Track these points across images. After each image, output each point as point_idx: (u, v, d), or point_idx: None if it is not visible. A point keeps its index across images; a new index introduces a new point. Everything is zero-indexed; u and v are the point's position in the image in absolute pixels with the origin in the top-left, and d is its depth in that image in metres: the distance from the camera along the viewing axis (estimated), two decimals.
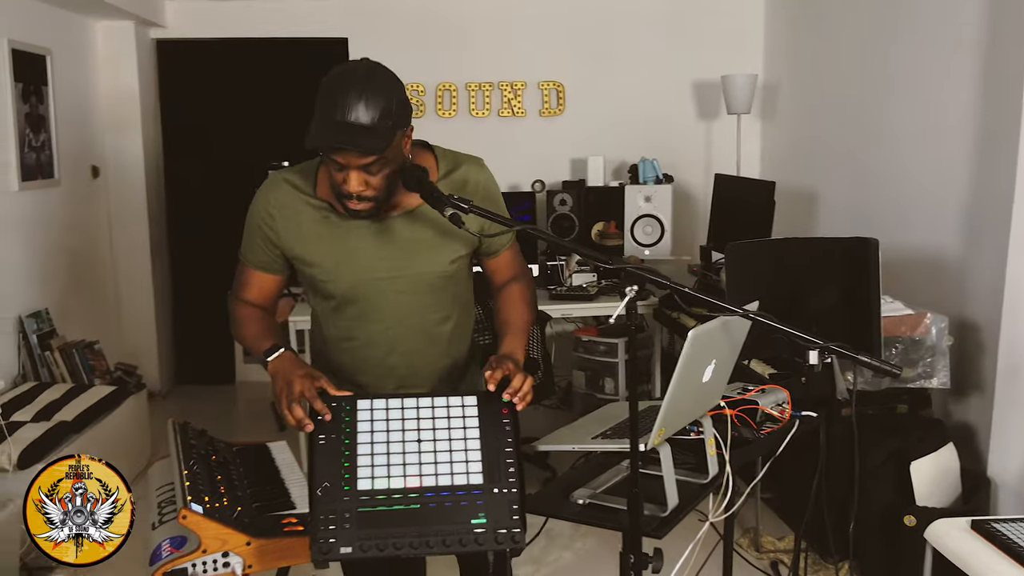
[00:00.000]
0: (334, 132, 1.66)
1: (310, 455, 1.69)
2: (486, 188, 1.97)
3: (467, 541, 1.61)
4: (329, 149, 1.70)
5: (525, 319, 2.02)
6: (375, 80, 1.70)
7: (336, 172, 1.74)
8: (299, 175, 1.91)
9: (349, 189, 1.74)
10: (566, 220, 4.87)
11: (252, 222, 1.93)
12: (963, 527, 2.55)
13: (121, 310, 5.12)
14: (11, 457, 3.06)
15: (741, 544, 3.38)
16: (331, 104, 1.66)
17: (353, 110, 1.66)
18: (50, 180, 4.29)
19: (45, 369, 3.93)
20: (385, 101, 1.69)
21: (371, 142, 1.68)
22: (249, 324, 1.97)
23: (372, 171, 1.73)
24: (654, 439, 1.63)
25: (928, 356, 2.96)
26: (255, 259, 1.96)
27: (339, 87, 1.67)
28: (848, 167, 4.26)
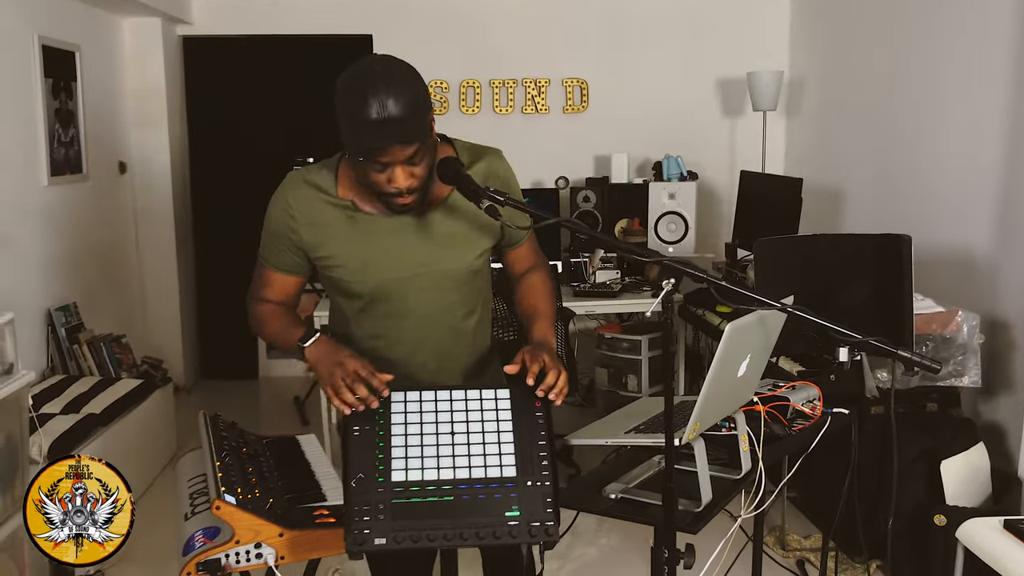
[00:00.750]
0: (374, 132, 1.65)
1: (344, 446, 1.69)
2: (506, 179, 1.98)
3: (501, 533, 1.60)
4: (373, 150, 1.67)
5: (551, 306, 2.03)
6: (396, 72, 1.70)
7: (379, 173, 1.72)
8: (319, 175, 1.88)
9: (398, 185, 1.72)
10: (589, 217, 4.86)
11: (272, 225, 1.89)
12: (995, 527, 2.52)
13: (146, 305, 5.16)
14: (42, 449, 3.09)
15: (768, 543, 3.36)
16: (360, 106, 1.64)
17: (386, 106, 1.64)
18: (78, 175, 4.32)
19: (73, 362, 3.96)
20: (412, 89, 1.69)
21: (413, 132, 1.68)
22: (273, 319, 1.95)
23: (415, 162, 1.73)
24: (689, 434, 1.62)
25: (959, 354, 2.93)
26: (276, 261, 1.92)
27: (364, 87, 1.66)
28: (875, 164, 4.22)
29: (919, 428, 3.02)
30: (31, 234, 3.89)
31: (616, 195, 4.91)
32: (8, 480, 2.70)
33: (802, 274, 2.78)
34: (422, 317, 1.92)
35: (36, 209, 3.93)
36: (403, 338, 1.94)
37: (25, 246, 3.83)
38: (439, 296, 1.92)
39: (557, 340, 3.95)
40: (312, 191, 1.87)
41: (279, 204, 1.88)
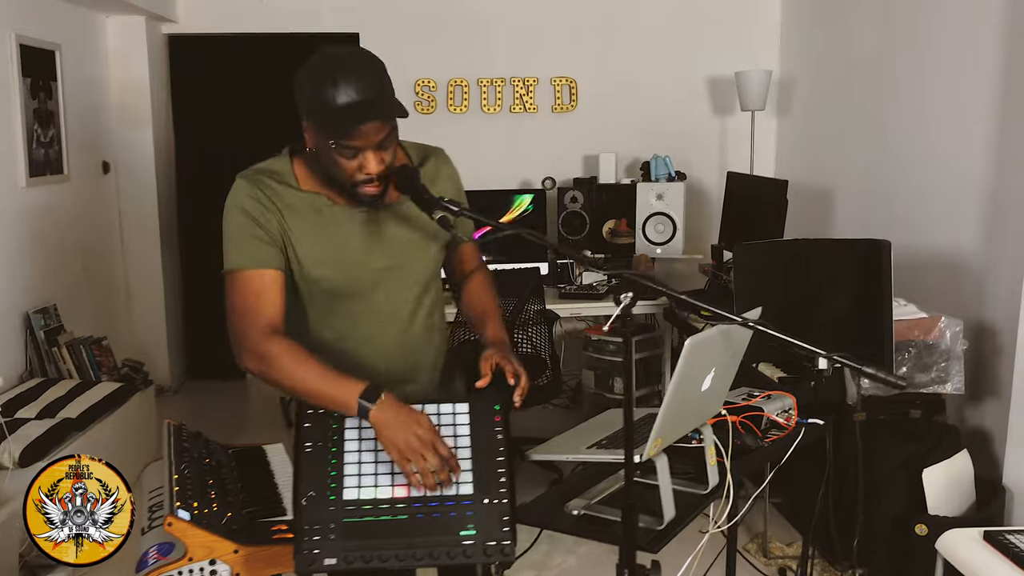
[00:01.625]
0: (353, 112, 1.63)
1: (296, 463, 1.65)
2: (455, 178, 1.97)
3: (455, 554, 1.57)
4: (352, 131, 1.63)
5: (497, 304, 1.99)
6: (361, 56, 1.70)
7: (349, 160, 1.68)
8: (275, 169, 1.81)
9: (369, 171, 1.69)
10: (577, 218, 4.81)
11: (240, 218, 1.76)
12: (975, 538, 2.48)
13: (132, 305, 5.13)
14: (12, 455, 3.05)
15: (749, 550, 3.32)
16: (334, 90, 1.63)
17: (360, 88, 1.63)
18: (59, 175, 4.28)
19: (52, 365, 3.93)
20: (380, 70, 1.70)
21: (390, 109, 1.66)
22: (299, 360, 1.69)
23: (385, 146, 1.70)
24: (650, 450, 1.58)
25: (942, 361, 2.88)
26: (252, 257, 1.75)
27: (334, 72, 1.64)
28: (864, 165, 4.18)
29: (902, 435, 2.98)
30: (8, 236, 3.85)
31: (604, 195, 4.86)
32: None
33: (782, 279, 2.74)
34: (390, 314, 1.87)
35: (13, 211, 3.89)
36: (371, 338, 1.88)
37: (2, 248, 3.79)
38: (406, 291, 1.88)
39: (541, 343, 3.92)
40: (276, 184, 1.79)
41: (243, 195, 1.77)
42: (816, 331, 2.68)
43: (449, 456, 1.60)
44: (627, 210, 4.74)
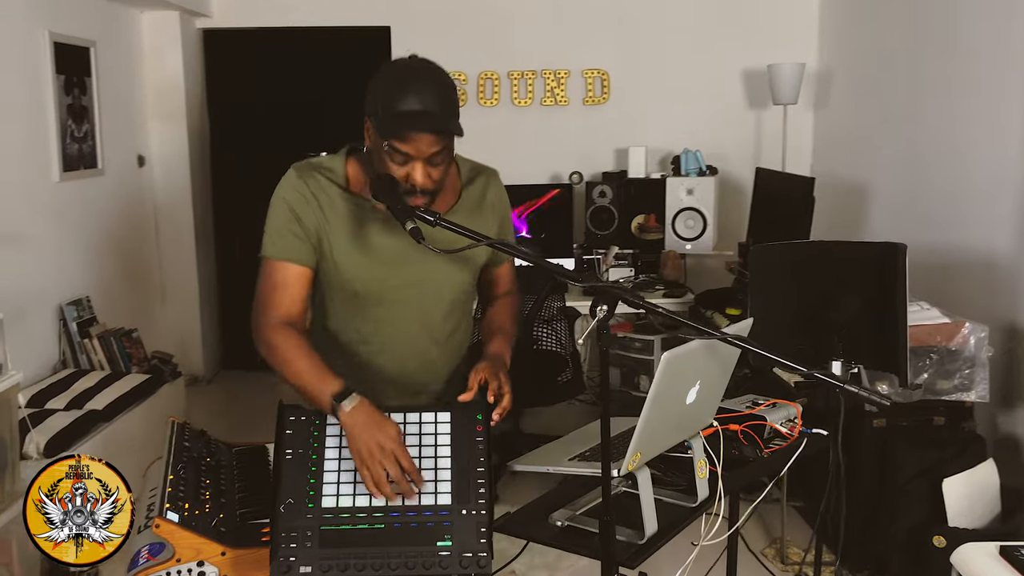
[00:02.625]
0: (412, 119, 1.66)
1: (276, 470, 1.66)
2: (502, 201, 2.00)
3: (431, 564, 1.56)
4: (406, 135, 1.66)
5: (512, 327, 2.01)
6: (437, 72, 1.74)
7: (399, 166, 1.70)
8: (328, 166, 1.85)
9: (415, 181, 1.70)
10: (605, 213, 4.77)
11: (280, 210, 1.81)
12: (991, 552, 2.40)
13: (166, 296, 5.22)
14: (38, 446, 3.13)
15: (767, 555, 3.27)
16: (399, 94, 1.67)
17: (424, 99, 1.67)
18: (94, 170, 4.37)
19: (84, 356, 4.02)
20: (450, 90, 1.73)
21: (447, 125, 1.69)
22: (296, 355, 1.75)
23: (436, 162, 1.72)
24: (627, 465, 1.55)
25: (966, 368, 2.79)
26: (286, 250, 1.80)
27: (407, 78, 1.68)
28: (899, 161, 4.06)
29: (923, 442, 2.90)
30: (43, 230, 3.94)
31: (633, 190, 4.80)
32: None
33: (798, 281, 2.67)
34: (413, 325, 1.89)
35: (48, 205, 3.98)
36: (390, 346, 1.91)
37: (37, 242, 3.89)
38: (433, 306, 1.90)
39: (562, 340, 3.89)
40: (326, 181, 1.83)
41: (289, 187, 1.82)
42: (831, 335, 2.62)
43: (411, 468, 1.60)
44: (657, 205, 4.69)
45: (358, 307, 1.87)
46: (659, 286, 4.39)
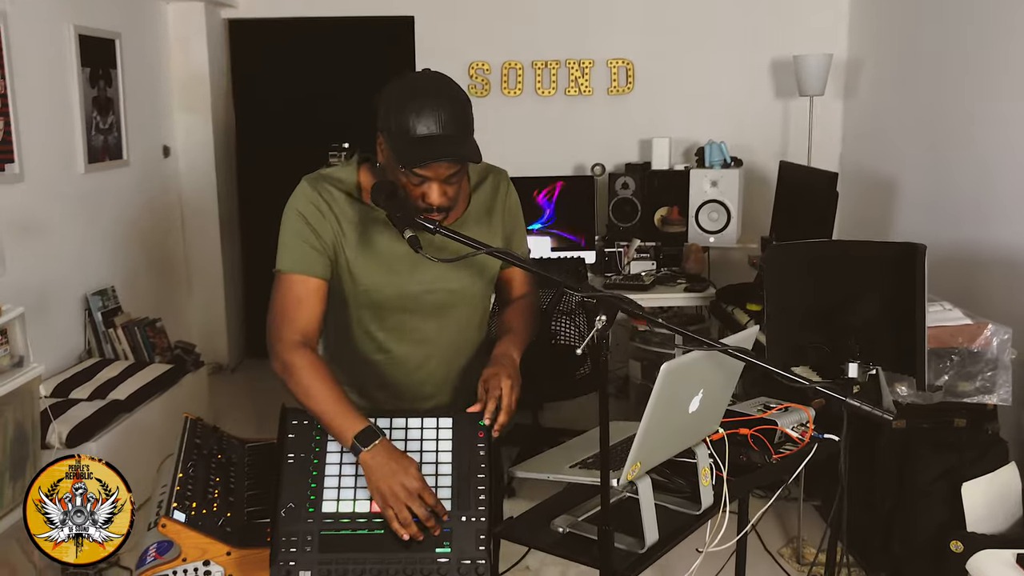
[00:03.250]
0: (431, 146, 1.63)
1: (277, 475, 1.67)
2: (512, 204, 1.98)
3: (429, 571, 1.57)
4: (425, 163, 1.64)
5: (531, 331, 1.99)
6: (455, 91, 1.69)
7: (415, 186, 1.69)
8: (340, 176, 1.83)
9: (431, 201, 1.69)
10: (628, 204, 4.73)
11: (294, 222, 1.80)
12: (1007, 561, 2.38)
13: (191, 285, 5.28)
14: (60, 436, 3.19)
15: (783, 554, 3.25)
16: (415, 117, 1.63)
17: (441, 120, 1.63)
18: (119, 161, 4.41)
19: (109, 346, 4.08)
20: (468, 110, 1.70)
21: (467, 151, 1.67)
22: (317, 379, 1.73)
23: (452, 181, 1.71)
24: (627, 475, 1.54)
25: (988, 370, 2.74)
26: (301, 263, 1.79)
27: (419, 97, 1.64)
28: (929, 154, 3.98)
29: (943, 445, 2.85)
30: (68, 221, 3.99)
31: (657, 182, 4.76)
32: (19, 468, 2.80)
33: (814, 282, 2.63)
34: (431, 333, 1.89)
35: (73, 196, 4.03)
36: (408, 355, 1.91)
37: (63, 232, 3.94)
38: (451, 312, 1.90)
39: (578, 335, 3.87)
40: (336, 189, 1.82)
41: (302, 198, 1.80)
42: (848, 336, 2.58)
43: (436, 504, 1.60)
44: (680, 197, 4.64)
45: (375, 316, 1.87)
46: (681, 280, 4.35)
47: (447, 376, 1.95)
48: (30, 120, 3.64)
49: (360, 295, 1.84)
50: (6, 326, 2.73)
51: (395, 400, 1.94)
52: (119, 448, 3.41)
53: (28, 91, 3.64)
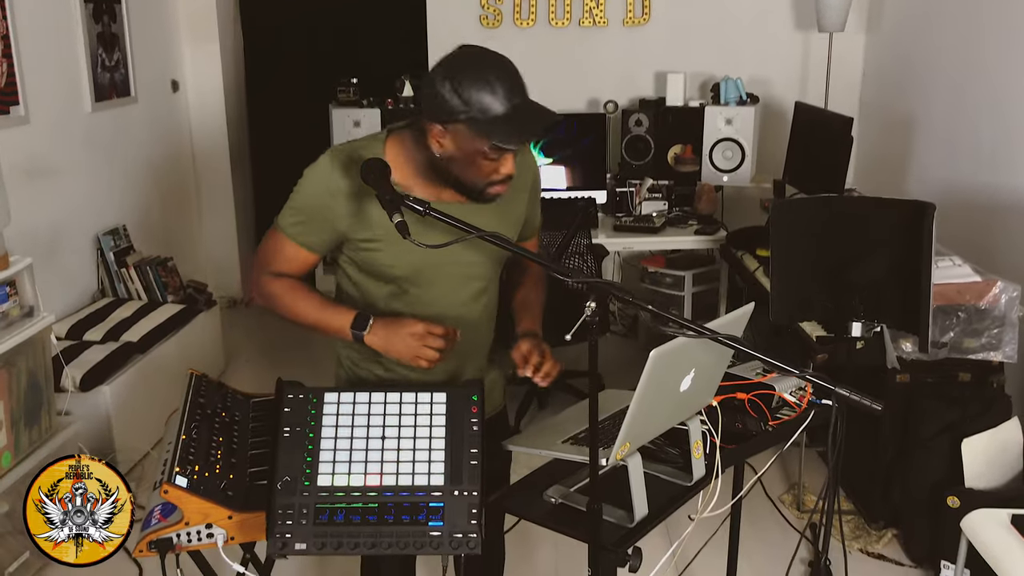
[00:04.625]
0: (519, 119, 1.64)
1: (273, 448, 1.70)
2: (533, 166, 1.99)
3: (422, 544, 1.60)
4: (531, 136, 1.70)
5: (541, 302, 2.03)
6: (498, 56, 1.70)
7: (492, 162, 1.69)
8: (367, 152, 1.78)
9: (508, 171, 1.72)
10: (641, 142, 4.66)
11: (308, 200, 1.79)
12: (1002, 521, 2.40)
13: (203, 221, 5.29)
14: (75, 380, 3.25)
15: (784, 500, 3.30)
16: (491, 96, 1.62)
17: (518, 91, 1.65)
18: (127, 98, 4.38)
19: (121, 285, 4.11)
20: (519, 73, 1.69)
21: (554, 122, 1.68)
22: (298, 298, 1.84)
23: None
24: (616, 454, 1.55)
25: (994, 327, 2.72)
26: (302, 238, 1.82)
27: (486, 77, 1.63)
28: (951, 94, 3.87)
29: (947, 400, 2.85)
30: (78, 161, 3.99)
31: (671, 119, 4.67)
32: (34, 415, 2.86)
33: (820, 239, 2.61)
34: (449, 306, 1.89)
35: (81, 136, 4.02)
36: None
37: (72, 173, 3.94)
38: (469, 285, 1.90)
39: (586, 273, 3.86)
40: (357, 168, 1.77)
41: (321, 180, 1.78)
42: (853, 295, 2.56)
43: (446, 331, 1.76)
44: (694, 135, 4.56)
45: (395, 289, 1.87)
46: (692, 221, 4.31)
47: (467, 347, 1.94)
48: (34, 60, 3.61)
49: (382, 269, 1.84)
50: (15, 277, 2.75)
51: (406, 369, 1.95)
52: (133, 390, 3.48)
53: (30, 31, 3.59)
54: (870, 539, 3.04)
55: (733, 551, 2.31)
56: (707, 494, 1.85)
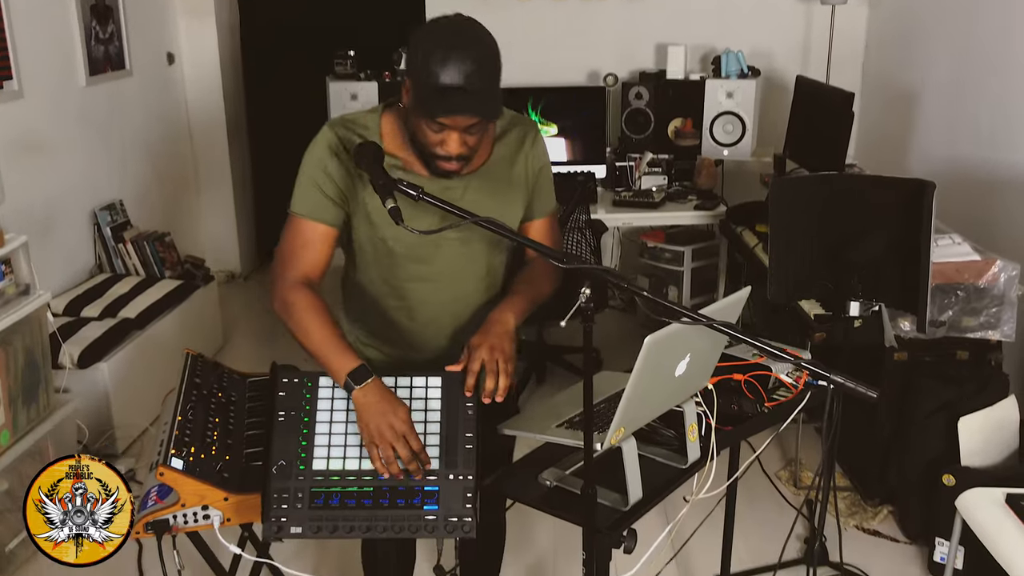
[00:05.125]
0: (452, 98, 1.60)
1: (268, 432, 1.70)
2: (541, 153, 1.93)
3: (417, 528, 1.61)
4: (442, 114, 1.62)
5: (540, 293, 1.93)
6: (481, 39, 1.65)
7: (434, 133, 1.67)
8: (363, 124, 1.80)
9: (448, 150, 1.68)
10: (641, 116, 4.62)
11: (312, 167, 1.79)
12: (997, 500, 2.40)
13: (201, 196, 5.27)
14: (72, 358, 3.25)
15: (780, 476, 3.31)
16: (440, 65, 1.60)
17: (467, 71, 1.60)
18: (121, 71, 4.34)
19: (119, 261, 4.10)
20: (494, 61, 1.66)
21: (490, 108, 1.65)
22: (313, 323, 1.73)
23: (473, 132, 1.68)
24: (611, 439, 1.55)
25: (993, 306, 2.71)
26: (313, 209, 1.79)
27: (447, 46, 1.61)
28: (954, 67, 3.82)
29: (944, 378, 2.85)
30: (73, 135, 3.96)
31: (671, 92, 4.63)
32: (32, 393, 2.87)
33: (820, 218, 2.59)
34: (449, 284, 1.88)
35: (76, 110, 3.98)
36: (425, 303, 1.90)
37: (67, 148, 3.91)
38: (470, 264, 1.88)
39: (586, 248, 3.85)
40: (358, 137, 1.79)
41: (322, 144, 1.79)
42: (852, 275, 2.55)
43: (420, 450, 1.62)
44: (695, 108, 4.53)
45: (393, 264, 1.86)
46: (692, 196, 4.29)
47: (464, 327, 1.93)
48: (26, 34, 3.56)
49: (379, 243, 1.83)
50: (10, 255, 2.74)
51: (408, 349, 1.94)
52: (131, 367, 3.48)
53: (23, 3, 3.55)
54: (866, 516, 3.06)
55: (728, 530, 2.32)
56: (703, 476, 1.85)
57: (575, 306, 1.47)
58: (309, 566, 2.79)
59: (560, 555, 2.96)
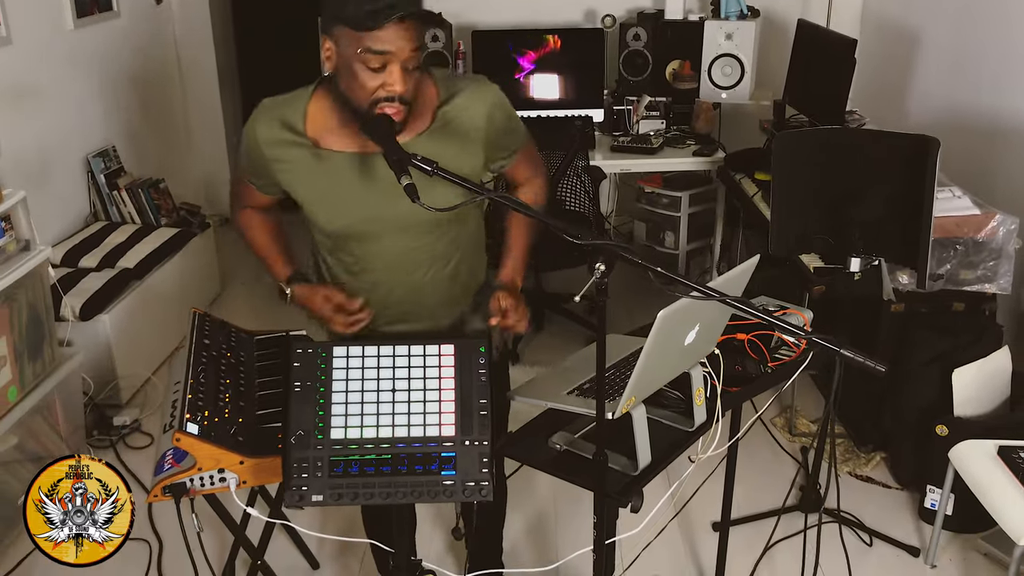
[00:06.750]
0: (379, 12, 1.56)
1: (285, 403, 1.73)
2: (494, 110, 1.82)
3: (435, 492, 1.65)
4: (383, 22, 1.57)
5: (527, 239, 1.99)
6: None
7: (374, 74, 1.62)
8: (289, 109, 1.79)
9: (392, 86, 1.63)
10: (639, 57, 4.56)
11: (250, 154, 1.85)
12: (989, 452, 2.47)
13: (192, 140, 5.20)
14: (74, 310, 3.25)
15: (776, 423, 3.38)
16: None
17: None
18: (109, 12, 4.24)
19: (114, 208, 4.07)
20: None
21: (417, 3, 1.63)
22: (257, 238, 2.05)
23: (409, 66, 1.64)
24: (622, 408, 1.59)
25: (991, 259, 2.74)
26: (256, 181, 1.92)
27: None
28: (958, 9, 3.77)
29: (940, 330, 2.89)
30: (61, 80, 3.88)
31: (669, 33, 4.56)
32: (37, 348, 2.88)
33: (822, 172, 2.59)
34: (395, 258, 1.88)
35: (64, 54, 3.90)
36: (379, 280, 1.91)
37: (56, 94, 3.84)
38: (409, 238, 1.85)
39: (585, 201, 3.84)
40: (279, 130, 1.79)
41: (251, 136, 1.82)
42: (852, 230, 2.57)
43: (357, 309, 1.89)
44: (694, 50, 4.46)
45: (338, 243, 1.89)
46: (690, 141, 4.27)
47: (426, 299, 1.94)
48: None
49: (318, 225, 1.87)
50: (9, 212, 2.72)
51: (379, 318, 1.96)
52: (132, 317, 3.49)
53: None
54: (859, 462, 3.14)
55: (729, 487, 2.37)
56: (707, 438, 1.89)
57: (589, 282, 1.48)
58: (316, 523, 2.85)
59: (560, 511, 3.01)
